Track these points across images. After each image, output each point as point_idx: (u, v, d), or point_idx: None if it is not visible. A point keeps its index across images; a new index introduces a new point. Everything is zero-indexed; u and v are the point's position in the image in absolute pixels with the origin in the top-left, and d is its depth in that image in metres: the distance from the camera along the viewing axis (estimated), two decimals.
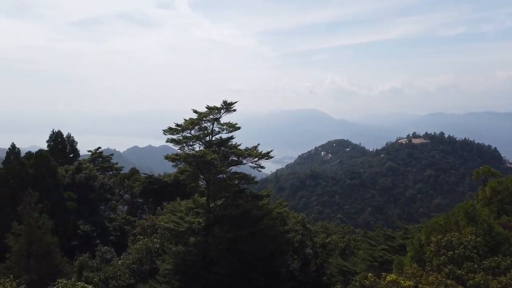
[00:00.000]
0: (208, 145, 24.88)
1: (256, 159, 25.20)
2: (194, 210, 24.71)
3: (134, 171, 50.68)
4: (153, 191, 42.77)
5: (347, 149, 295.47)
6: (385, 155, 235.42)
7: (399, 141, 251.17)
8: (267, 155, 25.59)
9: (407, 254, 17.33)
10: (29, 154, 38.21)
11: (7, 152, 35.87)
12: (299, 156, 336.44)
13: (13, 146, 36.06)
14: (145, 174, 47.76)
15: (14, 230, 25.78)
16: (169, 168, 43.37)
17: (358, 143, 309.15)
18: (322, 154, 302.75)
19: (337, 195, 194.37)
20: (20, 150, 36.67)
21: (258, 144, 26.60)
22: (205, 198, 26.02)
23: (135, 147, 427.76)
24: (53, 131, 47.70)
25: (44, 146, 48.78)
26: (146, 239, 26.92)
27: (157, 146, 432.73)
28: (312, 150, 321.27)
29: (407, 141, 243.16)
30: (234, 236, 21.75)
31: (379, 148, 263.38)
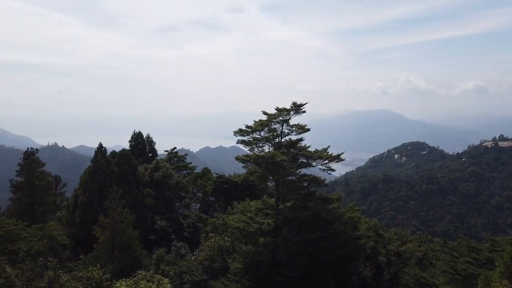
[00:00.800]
0: (278, 146, 24.94)
1: (326, 161, 24.70)
2: (264, 211, 24.92)
3: (206, 171, 52.70)
4: (224, 190, 44.10)
5: (424, 152, 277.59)
6: (467, 159, 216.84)
7: (483, 144, 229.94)
8: (337, 158, 24.94)
9: (496, 269, 15.77)
10: (113, 153, 41.58)
11: (95, 151, 39.41)
12: (370, 158, 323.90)
13: (100, 145, 39.53)
14: (216, 174, 49.45)
15: (101, 223, 28.22)
16: (239, 169, 44.29)
17: (436, 146, 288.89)
18: (396, 157, 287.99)
19: (412, 200, 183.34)
20: (106, 149, 40.05)
21: (328, 146, 26.04)
22: (274, 199, 26.15)
23: (207, 148, 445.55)
24: (134, 131, 51.52)
25: (125, 145, 52.90)
26: (217, 237, 27.79)
27: (227, 147, 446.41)
28: (384, 152, 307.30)
29: (493, 144, 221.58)
30: (304, 239, 21.51)
31: (460, 151, 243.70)
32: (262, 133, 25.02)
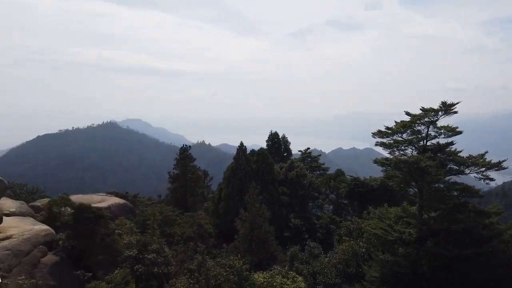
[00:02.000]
0: (422, 150, 22.82)
1: (483, 169, 21.50)
2: (404, 219, 23.14)
3: (339, 173, 51.82)
4: (359, 194, 42.68)
5: None
6: None
7: None
8: (497, 165, 21.47)
9: None
10: (252, 151, 44.34)
11: (237, 149, 42.69)
12: None
13: (241, 144, 42.64)
14: (350, 176, 48.22)
15: (241, 216, 30.38)
16: (373, 171, 42.06)
17: None
18: None
19: None
20: (246, 148, 43.00)
21: (486, 152, 22.63)
22: (415, 207, 24.07)
23: (339, 149, 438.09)
24: (271, 132, 54.04)
25: (263, 145, 55.79)
26: (352, 241, 27.02)
27: (360, 148, 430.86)
28: None
29: None
30: (454, 254, 19.18)
31: None
32: (404, 135, 23.25)
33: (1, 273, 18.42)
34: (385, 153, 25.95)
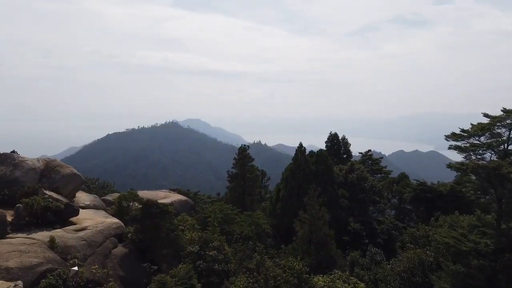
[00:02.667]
0: (503, 155, 20.89)
1: None
2: (479, 228, 21.35)
3: (403, 176, 49.39)
4: (425, 199, 40.23)
5: None
6: None
7: None
8: None
9: None
10: (311, 152, 43.71)
11: (296, 150, 42.32)
12: None
13: (300, 145, 42.22)
14: (416, 180, 45.67)
15: (300, 218, 30.04)
16: (437, 175, 39.49)
17: None
18: None
19: None
20: (305, 149, 42.48)
21: None
22: (491, 216, 22.11)
23: (401, 151, 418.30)
24: (330, 133, 52.93)
25: (320, 146, 54.85)
26: (418, 249, 25.53)
27: (424, 151, 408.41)
28: None
29: None
30: None
31: None
32: (482, 139, 21.46)
33: (78, 262, 19.91)
34: (455, 156, 24.21)
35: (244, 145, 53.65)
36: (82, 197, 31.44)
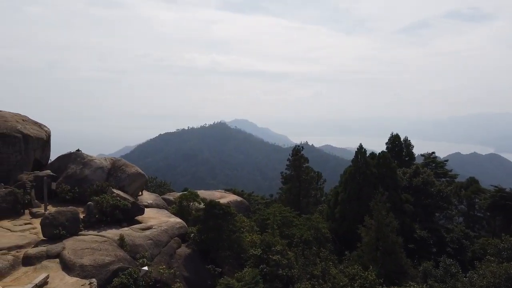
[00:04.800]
0: None
1: None
2: None
3: (472, 181, 45.79)
4: (505, 207, 36.73)
5: None
6: None
7: None
8: None
9: None
10: (372, 154, 41.66)
11: (355, 152, 40.53)
12: None
13: (360, 146, 40.35)
14: (494, 186, 41.86)
15: (365, 223, 28.45)
16: (498, 180, 35.94)
17: None
18: None
19: None
20: (366, 150, 40.53)
21: None
22: None
23: (457, 154, 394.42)
24: (392, 134, 50.26)
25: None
26: (505, 263, 23.00)
27: (483, 154, 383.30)
28: None
29: None
30: None
31: None
32: None
33: (146, 261, 19.95)
34: None
35: (298, 145, 52.57)
36: (145, 196, 32.00)
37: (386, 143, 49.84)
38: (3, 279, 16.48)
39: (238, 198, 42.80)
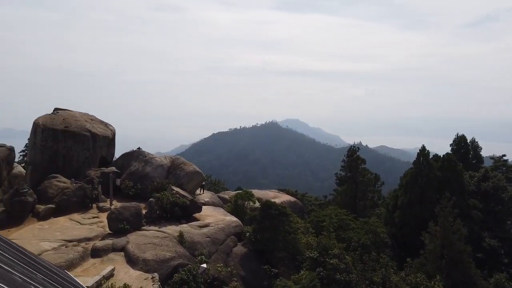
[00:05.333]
0: None
1: None
2: None
3: None
4: None
5: None
6: None
7: None
8: None
9: None
10: (436, 156, 39.21)
11: (417, 154, 38.35)
12: None
13: (423, 148, 38.13)
14: None
15: (430, 230, 26.76)
16: None
17: None
18: None
19: None
20: (429, 152, 38.20)
21: None
22: None
23: None
24: (457, 135, 47.00)
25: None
26: None
27: None
28: None
29: None
30: None
31: None
32: None
33: (205, 259, 20.24)
34: None
35: (354, 146, 50.98)
36: (202, 193, 32.68)
37: (451, 145, 46.60)
38: (74, 269, 17.51)
39: (292, 199, 42.35)
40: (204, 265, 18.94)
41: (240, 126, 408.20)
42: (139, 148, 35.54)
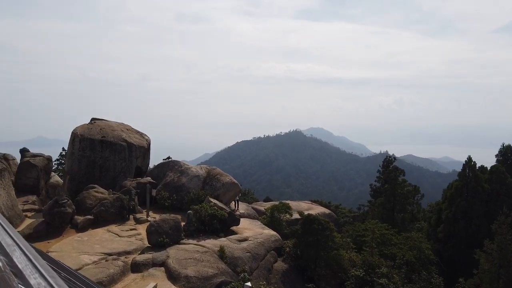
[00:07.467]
0: None
1: None
2: None
3: None
4: None
5: None
6: None
7: None
8: None
9: None
10: (482, 168, 36.94)
11: (463, 165, 36.25)
12: None
13: (469, 159, 35.99)
14: None
15: (485, 248, 24.79)
16: None
17: None
18: None
19: None
20: (475, 163, 36.03)
21: None
22: None
23: None
24: (503, 145, 44.34)
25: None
26: None
27: None
28: None
29: None
30: None
31: None
32: None
33: (247, 276, 19.19)
34: None
35: (391, 156, 49.08)
36: (236, 209, 31.72)
37: (496, 155, 43.90)
38: (115, 285, 16.80)
39: (326, 211, 40.79)
40: (249, 284, 17.86)
41: (264, 135, 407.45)
42: (169, 158, 35.03)
